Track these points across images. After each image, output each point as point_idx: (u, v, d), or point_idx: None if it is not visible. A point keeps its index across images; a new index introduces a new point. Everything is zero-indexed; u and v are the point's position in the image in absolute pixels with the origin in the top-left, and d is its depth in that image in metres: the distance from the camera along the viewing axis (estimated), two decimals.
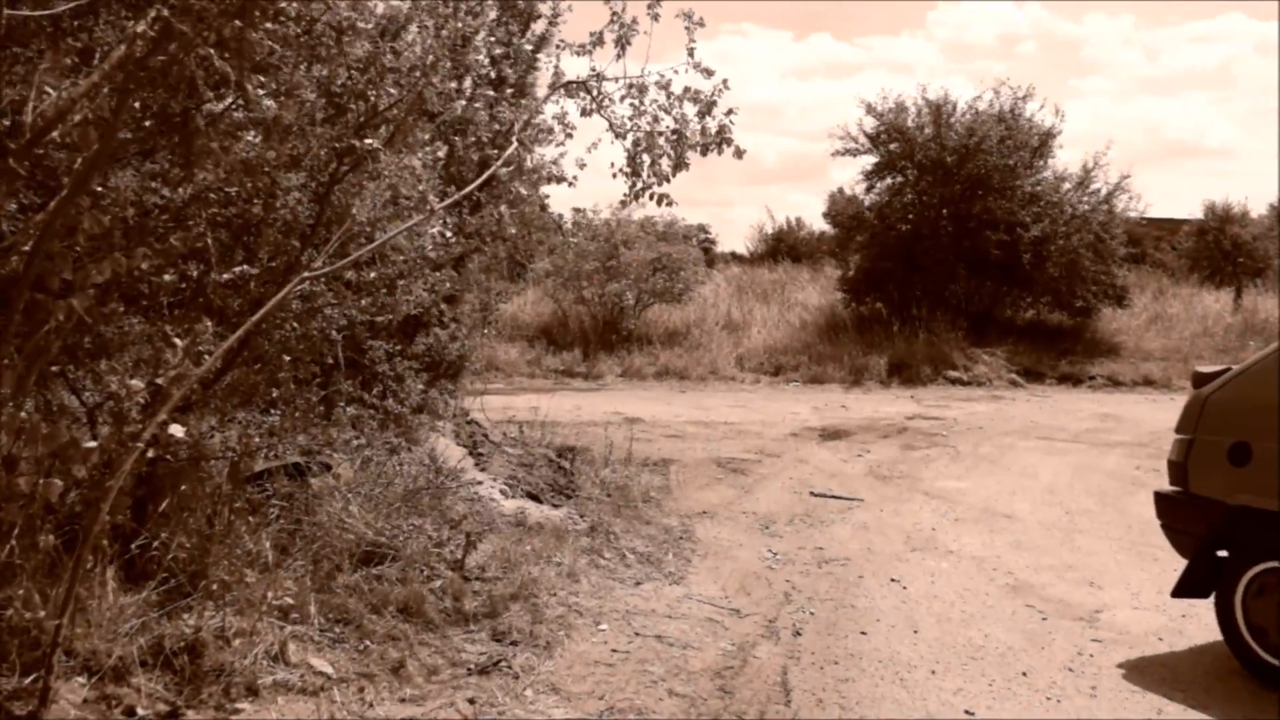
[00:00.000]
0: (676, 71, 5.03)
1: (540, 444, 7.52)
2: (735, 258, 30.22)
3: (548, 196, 6.20)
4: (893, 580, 5.06)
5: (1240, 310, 18.86)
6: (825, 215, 19.17)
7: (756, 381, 15.51)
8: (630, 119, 5.01)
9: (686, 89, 5.04)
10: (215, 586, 3.41)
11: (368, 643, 3.63)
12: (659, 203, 5.24)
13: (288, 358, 4.11)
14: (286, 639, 3.41)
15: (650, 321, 17.92)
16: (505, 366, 15.68)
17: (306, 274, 3.09)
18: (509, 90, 6.70)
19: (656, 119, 5.03)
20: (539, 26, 6.95)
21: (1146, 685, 3.70)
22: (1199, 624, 4.31)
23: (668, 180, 5.12)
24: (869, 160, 17.97)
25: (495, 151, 5.68)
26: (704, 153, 5.11)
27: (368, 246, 3.39)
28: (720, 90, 5.03)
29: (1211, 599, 3.94)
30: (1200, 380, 4.13)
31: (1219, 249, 21.90)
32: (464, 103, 6.00)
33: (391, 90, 3.44)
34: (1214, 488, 3.91)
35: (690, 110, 5.04)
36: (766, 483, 7.54)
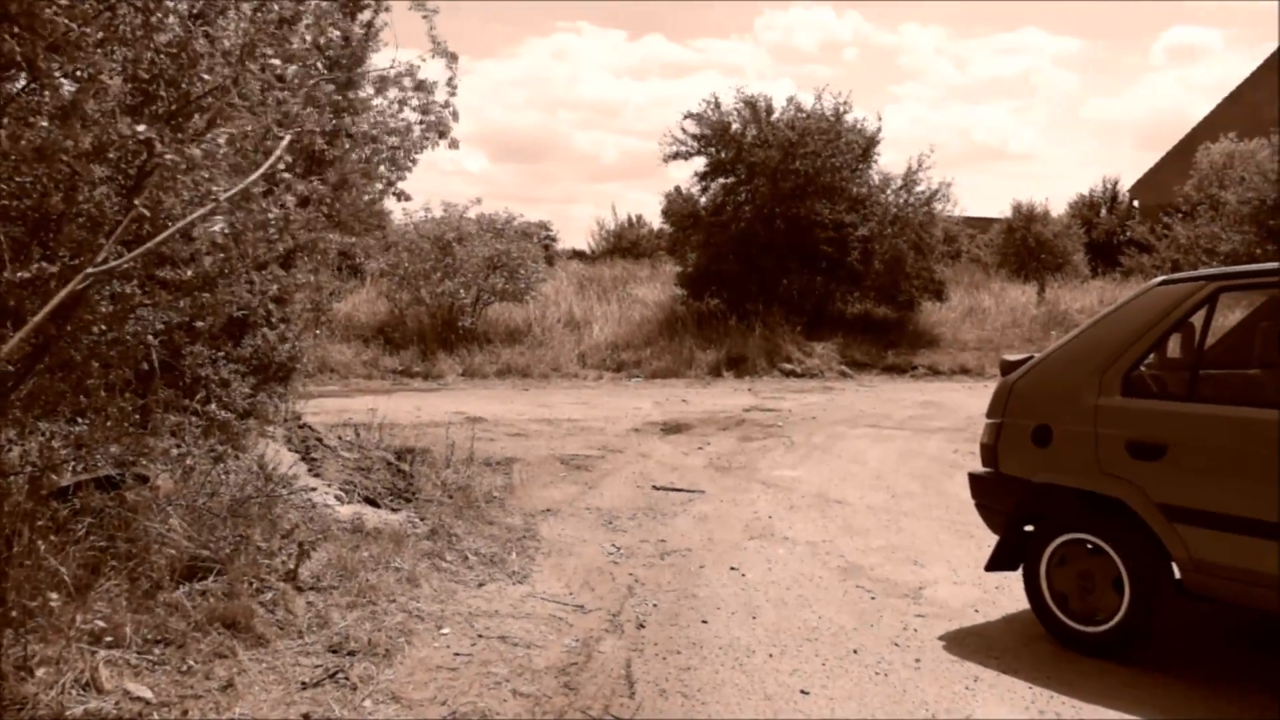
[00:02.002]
0: (424, 59, 4.98)
1: (378, 447, 7.30)
2: (577, 255, 30.30)
3: (383, 191, 5.95)
4: (732, 569, 5.19)
5: (1044, 303, 20.38)
6: (663, 214, 19.48)
7: (599, 378, 15.60)
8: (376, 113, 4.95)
9: (421, 83, 4.99)
10: (15, 613, 3.14)
11: (191, 663, 3.43)
12: (399, 199, 5.23)
13: (97, 364, 3.83)
14: (99, 665, 3.18)
15: (491, 320, 17.72)
16: (340, 368, 15.16)
17: (91, 270, 2.88)
18: (337, 79, 6.46)
19: (394, 113, 4.99)
20: (365, 15, 6.73)
21: (964, 655, 3.94)
22: (1010, 595, 4.62)
23: (408, 171, 5.11)
24: (701, 161, 18.43)
25: (324, 142, 5.47)
26: (421, 149, 5.11)
27: (150, 241, 3.17)
28: (455, 79, 5.00)
29: (1020, 571, 4.24)
30: (1007, 368, 4.43)
31: (1025, 246, 23.55)
32: (286, 92, 5.74)
33: (206, 76, 3.24)
34: (1020, 467, 4.20)
35: (416, 106, 5.01)
36: (609, 478, 7.59)
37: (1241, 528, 3.47)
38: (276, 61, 3.46)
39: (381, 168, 5.50)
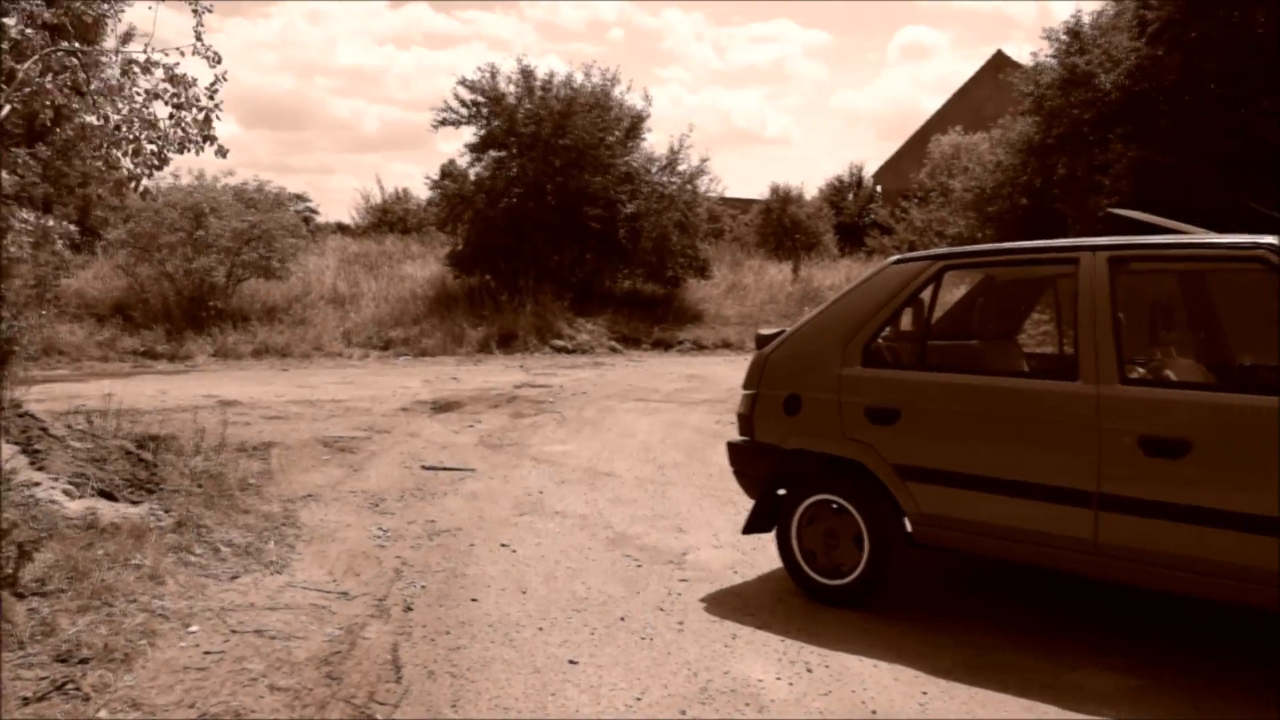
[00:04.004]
0: (184, 54, 4.69)
1: (116, 435, 6.69)
2: (341, 229, 29.04)
3: (127, 181, 5.40)
4: (503, 545, 5.19)
5: (799, 280, 21.65)
6: (433, 187, 19.01)
7: (365, 357, 15.08)
8: (122, 103, 4.61)
9: (175, 77, 4.71)
10: None
11: None
12: (143, 197, 4.95)
13: None
14: None
15: (247, 296, 16.66)
16: (71, 350, 13.80)
17: None
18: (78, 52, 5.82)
19: (147, 105, 4.68)
20: None
21: (724, 614, 4.14)
22: (766, 556, 4.90)
23: (156, 169, 4.82)
24: (471, 132, 18.14)
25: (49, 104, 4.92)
26: (181, 150, 4.85)
27: None
28: (222, 79, 4.76)
29: (774, 533, 4.50)
30: (762, 342, 4.67)
31: (781, 226, 24.90)
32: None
33: None
34: (774, 435, 4.45)
35: (169, 99, 4.74)
36: (376, 459, 7.36)
37: (963, 483, 3.85)
38: None
39: (126, 160, 5.02)
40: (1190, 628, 3.94)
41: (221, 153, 5.10)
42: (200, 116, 4.84)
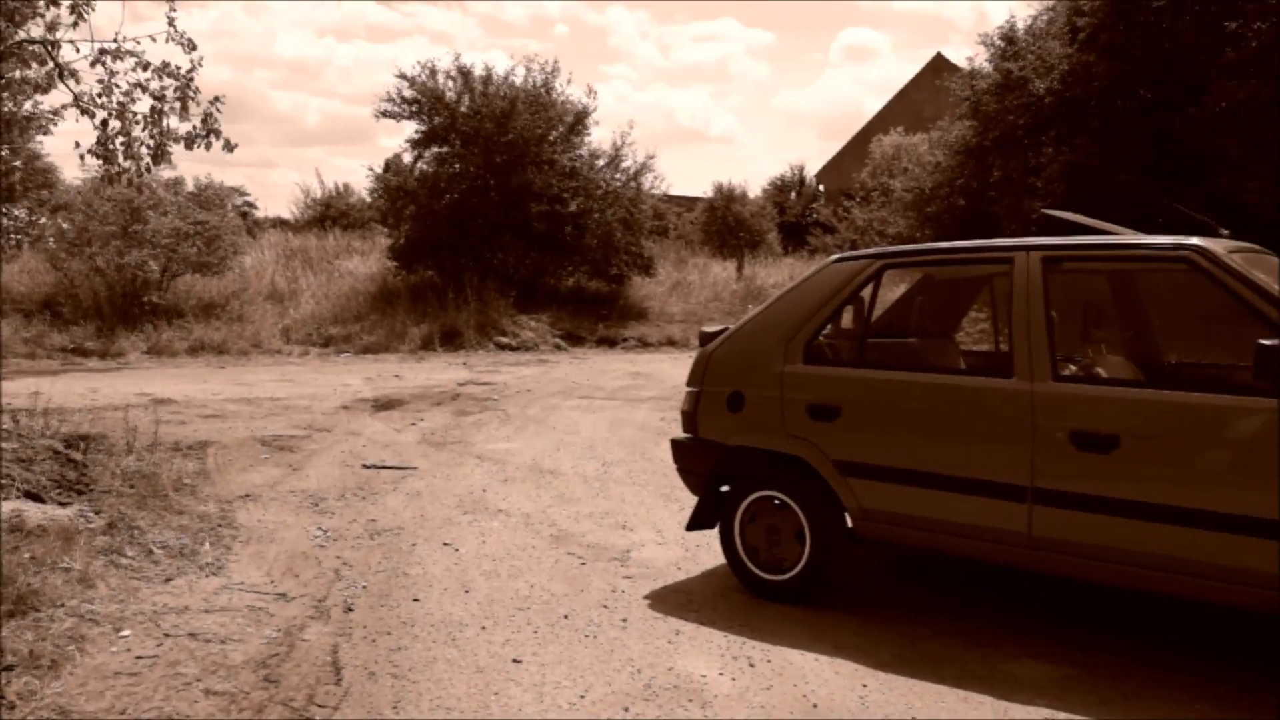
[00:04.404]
0: (155, 39, 4.55)
1: (43, 434, 6.49)
2: (281, 224, 28.54)
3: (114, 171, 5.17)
4: (446, 544, 5.14)
5: (743, 278, 21.82)
6: (375, 182, 18.74)
7: (305, 354, 14.84)
8: (100, 95, 4.45)
9: (165, 64, 4.58)
10: None
11: None
12: (140, 191, 4.81)
13: None
14: None
15: (183, 292, 16.28)
16: None
17: None
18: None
19: (132, 96, 4.52)
20: None
21: (668, 611, 4.16)
22: (710, 552, 4.93)
23: (149, 171, 4.65)
24: (414, 127, 17.94)
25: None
26: (189, 146, 4.72)
27: None
28: (198, 65, 4.64)
29: (718, 529, 4.53)
30: (705, 339, 4.69)
31: (725, 224, 25.04)
32: None
33: None
34: (717, 432, 4.48)
35: (170, 89, 4.59)
36: (316, 458, 7.25)
37: (902, 478, 3.91)
38: None
39: (120, 156, 4.84)
40: (1121, 618, 4.06)
41: (229, 147, 4.93)
42: (212, 110, 4.66)
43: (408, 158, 18.30)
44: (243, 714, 3.16)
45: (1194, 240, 3.49)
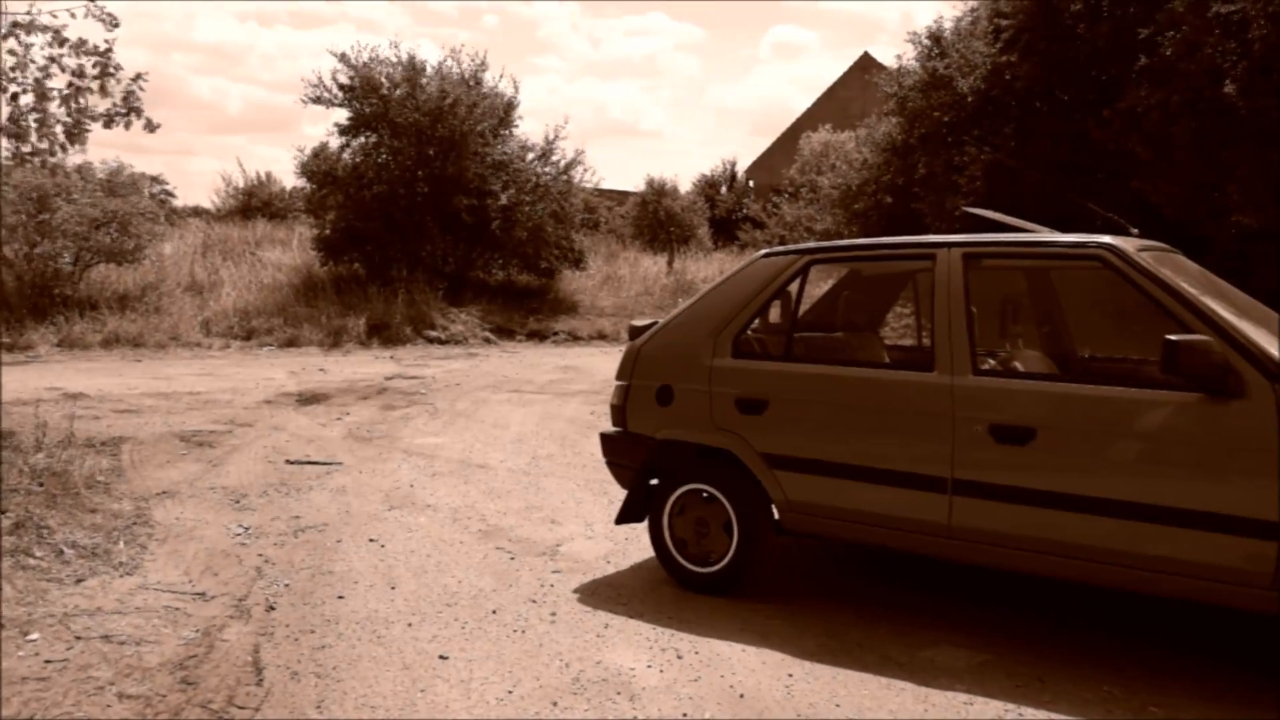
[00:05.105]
0: (74, 16, 4.37)
1: None
2: (200, 213, 27.74)
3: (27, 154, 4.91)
4: (371, 540, 5.06)
5: (673, 272, 21.89)
6: (300, 171, 18.28)
7: (226, 347, 14.45)
8: (13, 69, 4.25)
9: (82, 40, 4.39)
10: None
11: None
12: (53, 173, 4.63)
13: None
14: None
15: (96, 283, 15.71)
16: None
17: None
18: None
19: (48, 72, 4.32)
20: None
21: (597, 605, 4.16)
22: (639, 546, 4.94)
23: (64, 150, 4.47)
24: (343, 114, 17.55)
25: None
26: (109, 125, 4.53)
27: None
28: (113, 44, 4.47)
29: (646, 523, 4.54)
30: (635, 333, 4.70)
31: (656, 219, 25.11)
32: None
33: None
34: (646, 425, 4.49)
35: (88, 65, 4.41)
36: (237, 454, 7.07)
37: (827, 471, 3.97)
38: None
39: (34, 134, 4.60)
40: (1036, 605, 4.18)
41: (151, 127, 4.73)
42: (134, 88, 4.46)
43: (334, 143, 17.91)
44: (159, 717, 3.07)
45: (1106, 239, 3.61)
